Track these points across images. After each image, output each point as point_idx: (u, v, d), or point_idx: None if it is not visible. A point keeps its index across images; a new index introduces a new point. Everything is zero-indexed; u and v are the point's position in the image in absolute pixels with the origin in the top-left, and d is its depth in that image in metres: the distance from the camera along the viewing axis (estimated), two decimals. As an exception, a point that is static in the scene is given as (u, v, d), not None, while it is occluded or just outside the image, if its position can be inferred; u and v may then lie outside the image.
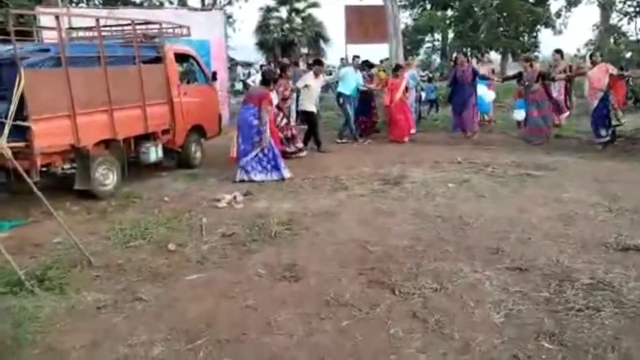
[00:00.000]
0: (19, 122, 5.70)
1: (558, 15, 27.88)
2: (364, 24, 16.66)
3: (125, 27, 8.04)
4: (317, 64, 10.86)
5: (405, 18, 30.74)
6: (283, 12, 34.90)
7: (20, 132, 5.77)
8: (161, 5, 25.48)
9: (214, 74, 9.50)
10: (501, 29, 27.47)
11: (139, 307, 3.80)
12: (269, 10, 34.39)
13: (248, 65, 29.14)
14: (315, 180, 7.63)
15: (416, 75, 13.36)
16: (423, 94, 14.68)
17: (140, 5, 22.89)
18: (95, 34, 7.36)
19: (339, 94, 11.24)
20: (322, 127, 10.94)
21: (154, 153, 7.76)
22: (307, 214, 5.96)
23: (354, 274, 4.29)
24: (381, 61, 19.42)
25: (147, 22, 8.24)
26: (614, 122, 9.57)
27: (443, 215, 5.78)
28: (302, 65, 18.32)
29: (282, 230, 5.37)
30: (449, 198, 6.52)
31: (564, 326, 3.35)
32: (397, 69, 11.61)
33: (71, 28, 8.58)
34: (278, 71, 10.37)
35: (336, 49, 31.92)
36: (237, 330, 3.42)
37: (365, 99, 11.85)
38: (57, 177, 6.69)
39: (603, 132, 9.70)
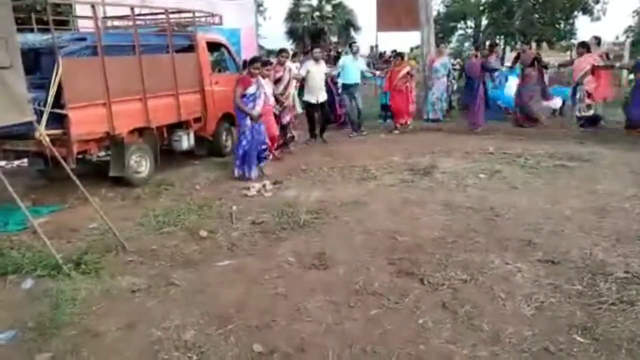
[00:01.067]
0: (56, 110, 5.84)
1: (596, 0, 27.11)
2: (395, 12, 16.42)
3: (158, 16, 8.14)
4: (314, 49, 10.66)
5: (438, 5, 30.29)
6: (314, -1, 34.80)
7: (58, 120, 5.90)
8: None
9: (245, 63, 9.53)
10: (536, 15, 26.87)
11: (172, 292, 3.88)
12: (299, -3, 34.34)
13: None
14: (343, 170, 7.63)
15: (448, 64, 13.17)
16: (454, 83, 14.45)
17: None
18: (130, 23, 7.47)
19: (342, 85, 11.04)
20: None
21: (186, 141, 7.88)
22: (335, 203, 5.97)
23: (383, 263, 4.30)
24: (412, 49, 19.26)
25: (180, 11, 8.32)
26: (581, 113, 10.33)
27: (474, 206, 5.72)
28: (333, 54, 18.26)
29: (311, 219, 5.40)
30: (480, 189, 6.45)
31: (596, 320, 3.31)
32: (397, 57, 11.76)
33: (106, 17, 8.71)
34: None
35: (367, 37, 31.66)
36: (266, 316, 3.47)
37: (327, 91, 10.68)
38: (93, 164, 6.84)
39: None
